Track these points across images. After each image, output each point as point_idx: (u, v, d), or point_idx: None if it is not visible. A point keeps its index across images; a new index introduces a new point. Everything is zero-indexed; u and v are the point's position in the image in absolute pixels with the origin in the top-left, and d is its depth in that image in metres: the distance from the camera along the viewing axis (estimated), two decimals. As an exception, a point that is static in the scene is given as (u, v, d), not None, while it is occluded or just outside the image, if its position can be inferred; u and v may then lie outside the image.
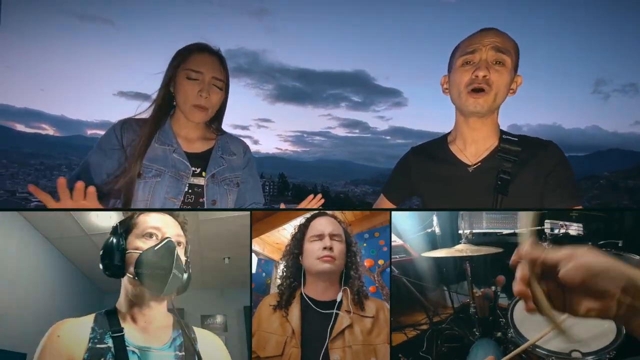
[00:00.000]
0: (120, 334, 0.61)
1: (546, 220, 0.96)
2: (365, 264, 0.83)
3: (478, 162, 1.01)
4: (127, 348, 0.60)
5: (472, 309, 0.93)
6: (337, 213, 0.85)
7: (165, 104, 1.11)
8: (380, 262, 0.83)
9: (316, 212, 0.85)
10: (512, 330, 0.83)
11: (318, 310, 0.79)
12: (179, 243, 0.68)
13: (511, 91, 0.99)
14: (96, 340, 0.60)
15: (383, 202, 1.27)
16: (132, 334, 0.63)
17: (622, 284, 0.37)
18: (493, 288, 0.94)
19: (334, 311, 0.78)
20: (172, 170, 1.08)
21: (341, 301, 0.79)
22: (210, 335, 0.72)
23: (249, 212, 0.74)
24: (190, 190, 1.10)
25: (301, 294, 0.81)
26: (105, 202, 1.05)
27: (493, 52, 0.92)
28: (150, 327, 0.65)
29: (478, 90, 0.93)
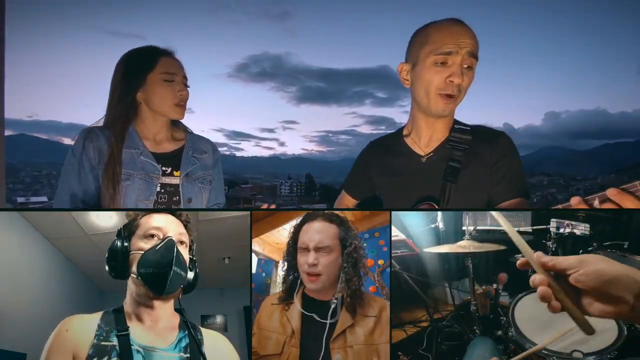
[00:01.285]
0: (125, 332, 0.62)
1: (552, 219, 0.95)
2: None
3: (430, 153, 1.01)
4: (132, 347, 0.61)
5: (473, 306, 0.93)
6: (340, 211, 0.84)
7: (132, 110, 1.13)
8: (380, 262, 0.83)
9: (309, 213, 0.81)
10: (512, 329, 0.83)
11: (317, 311, 0.78)
12: (181, 242, 0.68)
13: None
14: (101, 338, 0.61)
15: (344, 197, 1.27)
16: (137, 333, 0.63)
17: (636, 291, 0.39)
18: (494, 285, 0.93)
19: (328, 321, 0.76)
20: (140, 172, 1.10)
21: (339, 304, 0.77)
22: (218, 337, 0.71)
23: (249, 212, 0.74)
24: (162, 190, 1.13)
25: (303, 293, 0.81)
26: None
27: (467, 56, 0.89)
28: (157, 327, 0.65)
29: (450, 96, 0.92)
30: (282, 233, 0.86)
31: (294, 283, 0.80)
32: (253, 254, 0.77)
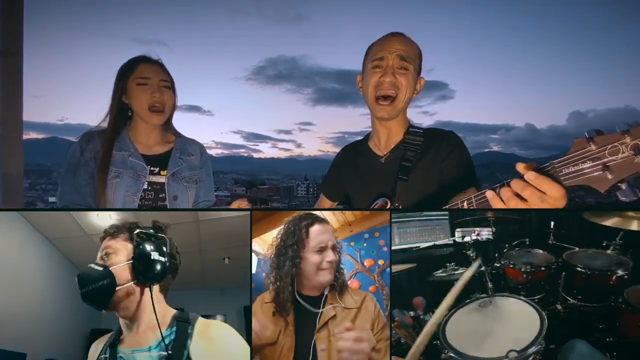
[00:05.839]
0: (114, 344, 0.68)
1: (456, 229, 0.97)
2: (365, 263, 0.83)
3: (387, 153, 1.13)
4: (117, 355, 0.66)
5: (402, 338, 0.84)
6: (327, 214, 0.83)
7: (120, 115, 1.23)
8: (380, 262, 0.83)
9: (314, 215, 0.82)
10: (448, 350, 0.77)
11: (308, 308, 0.79)
12: (106, 254, 0.68)
13: (415, 92, 1.10)
14: (101, 353, 0.69)
15: (322, 200, 1.35)
16: (124, 340, 0.68)
17: None
18: (412, 313, 0.87)
19: (320, 310, 0.78)
20: (130, 171, 1.20)
21: (326, 296, 0.80)
22: (221, 326, 0.71)
23: (249, 212, 0.74)
24: (150, 188, 1.23)
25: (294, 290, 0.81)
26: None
27: (398, 59, 1.03)
28: (139, 330, 0.68)
29: (385, 97, 1.04)
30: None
31: (289, 289, 0.79)
32: (253, 254, 0.77)
